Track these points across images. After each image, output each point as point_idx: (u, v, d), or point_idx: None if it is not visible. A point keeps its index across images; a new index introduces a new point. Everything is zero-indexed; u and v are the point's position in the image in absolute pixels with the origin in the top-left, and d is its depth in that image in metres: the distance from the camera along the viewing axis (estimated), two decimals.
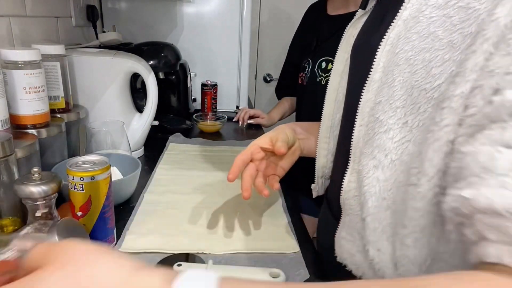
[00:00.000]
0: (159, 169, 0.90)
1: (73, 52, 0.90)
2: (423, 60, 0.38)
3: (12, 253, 0.33)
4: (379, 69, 0.44)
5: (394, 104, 0.41)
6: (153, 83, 0.94)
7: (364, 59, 0.49)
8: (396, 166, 0.42)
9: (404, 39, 0.41)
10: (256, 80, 2.22)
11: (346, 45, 0.60)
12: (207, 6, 1.43)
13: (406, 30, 0.41)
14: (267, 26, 2.13)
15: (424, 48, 0.38)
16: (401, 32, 0.41)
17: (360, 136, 0.47)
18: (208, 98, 1.35)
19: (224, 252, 0.59)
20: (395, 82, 0.41)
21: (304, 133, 0.69)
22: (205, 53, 1.48)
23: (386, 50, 0.43)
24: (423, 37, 0.39)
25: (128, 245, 0.59)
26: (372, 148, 0.44)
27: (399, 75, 0.41)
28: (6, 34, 0.81)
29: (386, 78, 0.43)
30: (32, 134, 0.68)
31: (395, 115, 0.42)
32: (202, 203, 0.74)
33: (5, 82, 0.65)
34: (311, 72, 1.18)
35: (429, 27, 0.38)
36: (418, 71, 0.39)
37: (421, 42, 0.39)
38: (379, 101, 0.43)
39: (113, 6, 1.42)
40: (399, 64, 0.41)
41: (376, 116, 0.44)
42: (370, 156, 0.45)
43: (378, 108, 0.43)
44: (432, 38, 0.38)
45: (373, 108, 0.44)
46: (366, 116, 0.46)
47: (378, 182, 0.44)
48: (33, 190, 0.52)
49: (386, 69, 0.43)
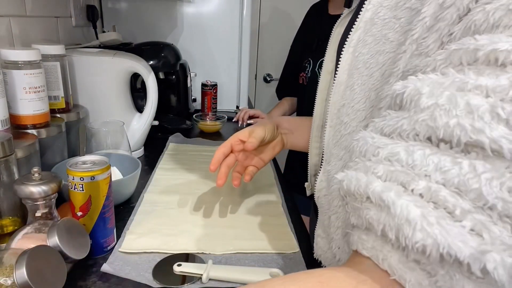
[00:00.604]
0: (159, 169, 0.90)
1: (73, 52, 0.90)
2: (377, 63, 0.39)
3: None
4: (344, 72, 0.44)
5: (355, 107, 0.42)
6: (153, 83, 0.94)
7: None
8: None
9: (362, 42, 0.41)
10: (256, 80, 2.22)
11: (334, 44, 0.60)
12: (207, 6, 1.42)
13: (364, 33, 0.41)
14: (267, 26, 2.13)
15: (378, 51, 0.39)
16: (360, 34, 0.42)
17: (330, 137, 0.48)
18: (208, 98, 1.35)
19: (224, 252, 0.58)
20: (355, 86, 0.42)
21: (289, 128, 0.71)
22: (205, 53, 1.48)
23: (350, 52, 0.43)
24: (377, 40, 0.39)
25: (128, 245, 0.59)
26: (339, 149, 0.46)
27: (358, 78, 0.41)
28: (6, 34, 0.81)
29: (349, 80, 0.43)
30: (32, 134, 0.68)
31: (356, 117, 0.42)
32: (202, 203, 0.74)
33: (5, 82, 0.65)
34: (311, 72, 1.18)
35: (382, 29, 0.39)
36: (374, 74, 0.39)
37: (375, 45, 0.39)
38: (343, 104, 0.44)
39: (113, 6, 1.42)
40: (358, 67, 0.41)
41: (341, 118, 0.45)
42: (337, 157, 0.46)
43: (343, 111, 0.44)
44: (384, 41, 0.38)
45: (339, 110, 0.45)
46: (334, 117, 0.47)
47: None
48: (33, 190, 0.52)
49: (349, 72, 0.43)
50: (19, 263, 0.40)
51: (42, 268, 0.43)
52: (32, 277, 0.40)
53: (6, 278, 0.41)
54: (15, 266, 0.40)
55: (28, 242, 0.48)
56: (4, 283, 0.40)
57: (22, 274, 0.40)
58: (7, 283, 0.40)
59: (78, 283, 0.51)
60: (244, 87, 1.54)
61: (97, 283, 0.51)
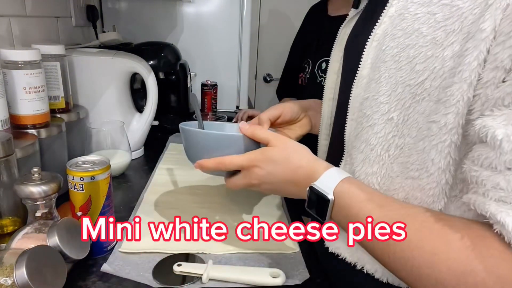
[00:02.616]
0: (159, 169, 0.90)
1: (73, 52, 0.90)
2: (407, 57, 0.39)
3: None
4: (367, 65, 0.45)
5: (378, 100, 0.43)
6: (153, 83, 0.94)
7: (353, 55, 0.50)
8: (384, 160, 0.44)
9: (390, 36, 0.41)
10: (256, 80, 2.22)
11: (340, 44, 0.61)
12: (207, 6, 1.42)
13: (392, 27, 0.42)
14: (267, 26, 2.13)
15: (408, 45, 0.39)
16: (387, 28, 0.42)
17: (351, 130, 0.49)
18: (208, 98, 1.35)
19: (224, 252, 0.58)
20: (381, 78, 0.42)
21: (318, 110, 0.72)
22: (205, 53, 1.48)
23: (373, 46, 0.44)
24: (408, 34, 0.40)
25: (128, 245, 0.59)
26: (360, 142, 0.46)
27: (385, 72, 0.42)
28: (6, 34, 0.81)
29: (374, 74, 0.44)
30: (32, 134, 0.68)
31: (379, 110, 0.43)
32: (202, 203, 0.74)
33: (5, 82, 0.65)
34: (311, 73, 1.18)
35: (413, 23, 0.39)
36: (403, 67, 0.40)
37: (406, 39, 0.40)
38: (367, 97, 0.45)
39: (113, 6, 1.42)
40: (386, 60, 0.42)
41: (364, 111, 0.45)
42: (358, 150, 0.47)
43: (366, 104, 0.45)
44: (417, 35, 0.39)
45: (361, 103, 0.46)
46: (356, 111, 0.47)
47: (367, 176, 0.46)
48: (33, 190, 0.52)
49: (374, 65, 0.44)
50: (19, 263, 0.40)
51: (42, 268, 0.43)
52: (32, 277, 0.40)
53: (6, 278, 0.41)
54: (15, 266, 0.40)
55: (28, 242, 0.48)
56: (4, 283, 0.40)
57: (22, 274, 0.40)
58: (7, 283, 0.40)
59: (78, 283, 0.51)
60: (244, 87, 1.54)
61: (97, 283, 0.51)
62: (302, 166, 0.48)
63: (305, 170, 0.47)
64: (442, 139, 0.37)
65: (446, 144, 0.37)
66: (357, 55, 0.48)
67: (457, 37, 0.36)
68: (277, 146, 0.50)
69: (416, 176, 0.41)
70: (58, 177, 0.56)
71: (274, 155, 0.49)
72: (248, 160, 0.50)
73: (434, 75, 0.37)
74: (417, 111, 0.40)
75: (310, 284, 0.53)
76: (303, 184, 0.47)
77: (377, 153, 0.44)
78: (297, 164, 0.48)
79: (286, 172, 0.48)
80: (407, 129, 0.41)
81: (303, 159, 0.49)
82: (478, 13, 0.34)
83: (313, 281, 0.53)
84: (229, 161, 0.51)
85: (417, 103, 0.40)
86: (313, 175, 0.46)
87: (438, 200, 0.40)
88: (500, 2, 0.32)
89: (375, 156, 0.45)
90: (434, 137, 0.38)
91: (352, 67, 0.49)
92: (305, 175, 0.47)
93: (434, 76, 0.37)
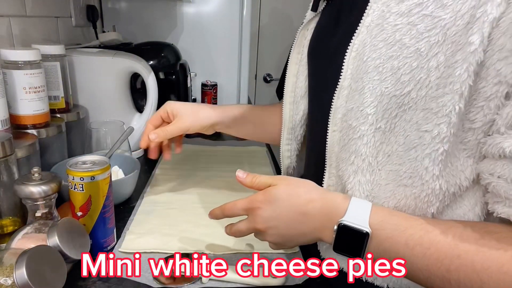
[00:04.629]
0: (159, 169, 0.90)
1: (73, 52, 0.90)
2: (391, 68, 0.39)
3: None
4: (347, 76, 0.44)
5: (364, 111, 0.42)
6: (153, 83, 0.94)
7: (325, 62, 0.50)
8: (373, 167, 0.44)
9: (370, 47, 0.41)
10: (256, 80, 2.22)
11: (299, 47, 0.61)
12: (207, 6, 1.42)
13: (371, 37, 0.41)
14: (267, 26, 2.13)
15: (392, 56, 0.39)
16: (366, 39, 0.42)
17: (334, 141, 0.48)
18: (208, 98, 1.35)
19: (224, 252, 0.58)
20: (365, 89, 0.42)
21: (228, 125, 0.72)
22: (205, 53, 1.47)
23: (352, 57, 0.43)
24: (389, 45, 0.39)
25: (128, 245, 0.59)
26: (349, 153, 0.45)
27: (368, 83, 0.42)
28: (6, 34, 0.81)
29: (356, 85, 0.43)
30: (32, 134, 0.68)
31: (366, 121, 0.43)
32: (202, 203, 0.74)
33: (5, 82, 0.65)
34: None
35: (394, 34, 0.39)
36: (387, 78, 0.40)
37: (388, 50, 0.40)
38: (351, 108, 0.44)
39: (113, 6, 1.42)
40: (368, 71, 0.41)
41: (349, 122, 0.44)
42: (348, 161, 0.46)
43: (351, 115, 0.44)
44: (399, 46, 0.39)
45: (345, 115, 0.45)
46: (339, 122, 0.46)
47: (360, 185, 0.45)
48: (33, 190, 0.52)
49: (355, 76, 0.43)
50: (19, 263, 0.40)
51: (42, 268, 0.43)
52: (32, 277, 0.40)
53: (6, 278, 0.41)
54: (15, 266, 0.40)
55: (28, 242, 0.48)
56: (4, 283, 0.40)
57: (22, 274, 0.40)
58: (7, 283, 0.40)
59: (78, 283, 0.51)
60: (244, 87, 1.54)
61: (97, 283, 0.51)
62: (314, 199, 0.44)
63: (319, 203, 0.44)
64: (435, 148, 0.38)
65: (439, 152, 0.38)
66: (329, 63, 0.48)
67: (441, 47, 0.36)
68: (279, 184, 0.46)
69: (409, 183, 0.41)
70: (58, 177, 0.56)
71: (278, 193, 0.45)
72: (250, 201, 0.47)
73: (420, 85, 0.38)
74: (404, 119, 0.40)
75: (310, 284, 0.53)
76: (321, 221, 0.43)
77: (368, 162, 0.44)
78: (307, 198, 0.44)
79: (294, 209, 0.44)
80: (394, 136, 0.42)
81: (312, 192, 0.45)
82: (462, 24, 0.35)
83: (313, 281, 0.53)
84: (232, 204, 0.49)
85: (403, 112, 0.40)
86: (335, 210, 0.42)
87: (431, 205, 0.41)
88: (487, 16, 0.33)
89: (367, 165, 0.44)
90: (427, 146, 0.39)
91: (325, 75, 0.49)
92: (320, 210, 0.43)
93: (420, 86, 0.38)
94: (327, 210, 0.43)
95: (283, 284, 0.52)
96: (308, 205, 0.44)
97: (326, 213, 0.43)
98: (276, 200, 0.45)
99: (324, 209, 0.43)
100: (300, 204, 0.44)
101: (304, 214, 0.44)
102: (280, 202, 0.45)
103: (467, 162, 0.40)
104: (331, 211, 0.43)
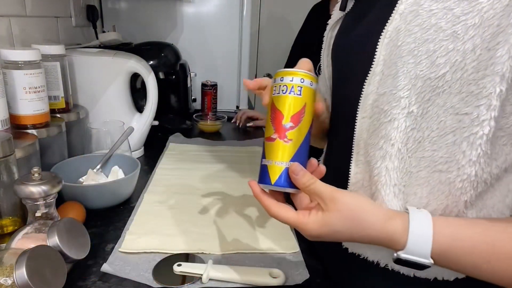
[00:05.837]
0: (159, 169, 0.90)
1: (73, 52, 0.90)
2: (427, 51, 0.40)
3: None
4: (380, 62, 0.45)
5: (397, 94, 0.43)
6: (153, 83, 0.94)
7: (352, 52, 0.50)
8: (403, 154, 0.44)
9: (404, 31, 0.42)
10: None
11: (328, 49, 0.61)
12: (207, 6, 1.42)
13: (405, 23, 0.42)
14: (267, 26, 2.13)
15: (427, 39, 0.40)
16: (400, 25, 0.43)
17: (363, 128, 0.48)
18: (208, 98, 1.35)
19: (224, 252, 0.58)
20: (399, 73, 0.42)
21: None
22: (205, 53, 1.48)
23: (385, 43, 0.44)
24: (425, 29, 0.40)
25: (128, 245, 0.59)
26: (378, 138, 0.46)
27: (403, 66, 0.42)
28: (6, 34, 0.81)
29: (389, 70, 0.44)
30: (32, 134, 0.68)
31: (398, 105, 0.43)
32: (202, 203, 0.74)
33: (5, 82, 0.65)
34: None
35: (430, 19, 0.40)
36: (423, 61, 0.40)
37: (423, 34, 0.40)
38: (383, 92, 0.44)
39: (113, 6, 1.42)
40: (402, 55, 0.42)
41: (381, 107, 0.45)
42: (376, 146, 0.46)
43: (383, 100, 0.44)
44: (435, 30, 0.39)
45: (376, 100, 0.45)
46: (369, 108, 0.47)
47: (387, 171, 0.45)
48: (33, 190, 0.52)
49: (388, 62, 0.44)
50: (19, 263, 0.40)
51: (42, 268, 0.43)
52: (32, 277, 0.40)
53: (6, 278, 0.41)
54: (15, 266, 0.40)
55: (28, 242, 0.48)
56: (4, 283, 0.40)
57: (22, 274, 0.40)
58: (7, 283, 0.40)
59: (78, 283, 0.51)
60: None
61: (97, 283, 0.51)
62: (372, 236, 0.41)
63: (377, 233, 0.40)
64: (474, 131, 0.39)
65: (477, 136, 0.39)
66: (358, 53, 0.48)
67: (477, 30, 0.37)
68: (335, 211, 0.40)
69: (444, 169, 0.42)
70: (58, 177, 0.56)
71: (334, 223, 0.40)
72: (300, 224, 0.42)
73: (455, 67, 0.39)
74: (437, 104, 0.41)
75: (310, 284, 0.53)
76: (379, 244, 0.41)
77: (397, 148, 0.44)
78: (365, 234, 0.41)
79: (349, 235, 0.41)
80: (425, 122, 0.42)
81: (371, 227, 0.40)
82: (500, 7, 0.36)
83: (313, 281, 0.53)
84: (279, 215, 0.43)
85: (437, 95, 0.40)
86: (394, 241, 0.40)
87: (465, 192, 0.41)
88: None
89: (396, 151, 0.44)
90: (466, 129, 0.39)
91: (353, 65, 0.49)
92: (378, 237, 0.41)
93: (455, 69, 0.39)
94: (387, 244, 0.41)
95: (283, 284, 0.52)
96: (364, 239, 0.41)
97: (385, 244, 0.41)
98: (330, 226, 0.41)
99: (384, 243, 0.41)
100: (358, 237, 0.41)
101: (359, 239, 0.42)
102: (334, 228, 0.41)
103: (503, 150, 0.40)
104: (392, 242, 0.41)
